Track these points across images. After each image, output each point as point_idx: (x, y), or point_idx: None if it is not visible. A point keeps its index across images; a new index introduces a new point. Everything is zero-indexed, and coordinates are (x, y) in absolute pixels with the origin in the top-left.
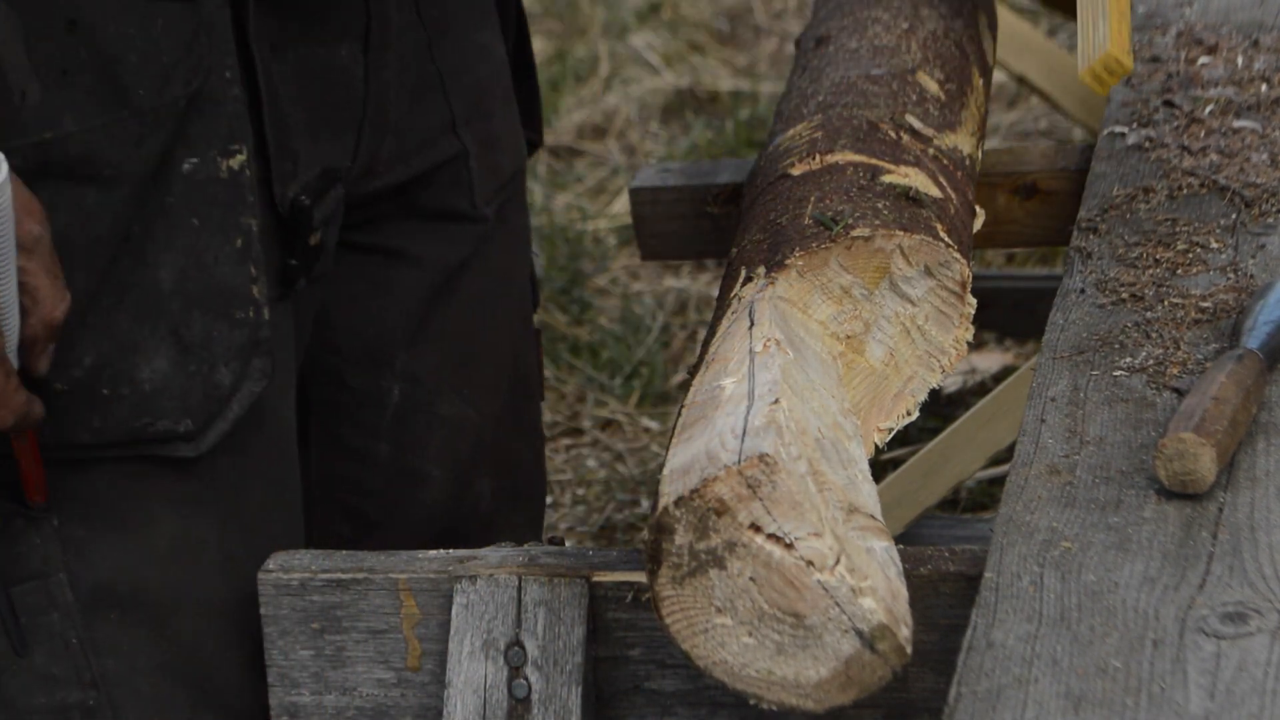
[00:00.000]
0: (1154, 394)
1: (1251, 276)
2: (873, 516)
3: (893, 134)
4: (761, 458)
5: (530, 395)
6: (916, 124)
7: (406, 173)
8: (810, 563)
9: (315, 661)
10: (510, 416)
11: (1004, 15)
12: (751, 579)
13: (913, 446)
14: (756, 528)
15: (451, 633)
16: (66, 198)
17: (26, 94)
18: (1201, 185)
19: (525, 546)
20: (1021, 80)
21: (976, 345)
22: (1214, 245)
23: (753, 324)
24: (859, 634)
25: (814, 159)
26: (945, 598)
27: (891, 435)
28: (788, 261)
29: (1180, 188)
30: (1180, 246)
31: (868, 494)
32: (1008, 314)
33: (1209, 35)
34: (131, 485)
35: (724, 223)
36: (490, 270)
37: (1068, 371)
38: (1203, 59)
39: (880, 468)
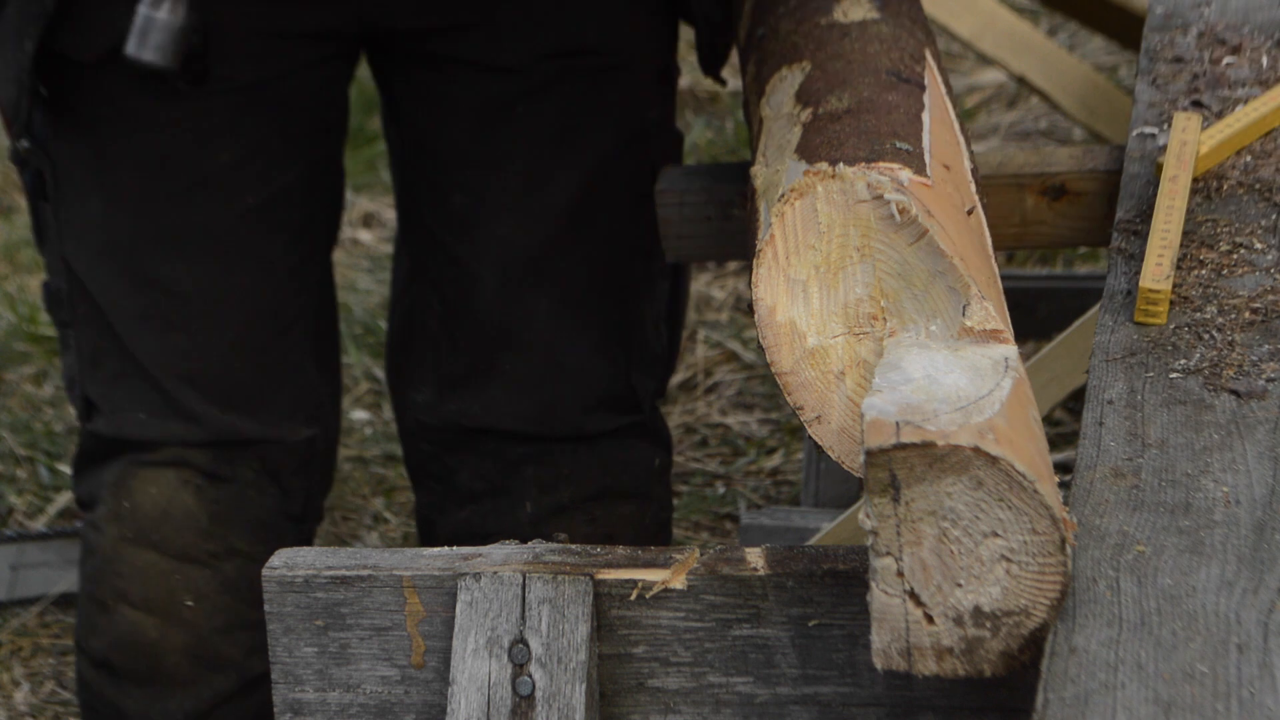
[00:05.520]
0: (1211, 396)
1: None
2: None
3: None
4: None
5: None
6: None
7: (428, 21)
8: None
9: (319, 658)
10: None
11: (1004, 15)
12: None
13: None
14: None
15: (455, 630)
16: None
17: None
18: (1238, 185)
19: (530, 544)
20: (1021, 80)
21: None
22: (1258, 246)
23: None
24: None
25: None
26: None
27: None
28: None
29: (1218, 188)
30: (1224, 248)
31: None
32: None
33: (1231, 35)
34: (116, 98)
35: (750, 225)
36: (545, 121)
37: (1122, 374)
38: (1227, 59)
39: None
